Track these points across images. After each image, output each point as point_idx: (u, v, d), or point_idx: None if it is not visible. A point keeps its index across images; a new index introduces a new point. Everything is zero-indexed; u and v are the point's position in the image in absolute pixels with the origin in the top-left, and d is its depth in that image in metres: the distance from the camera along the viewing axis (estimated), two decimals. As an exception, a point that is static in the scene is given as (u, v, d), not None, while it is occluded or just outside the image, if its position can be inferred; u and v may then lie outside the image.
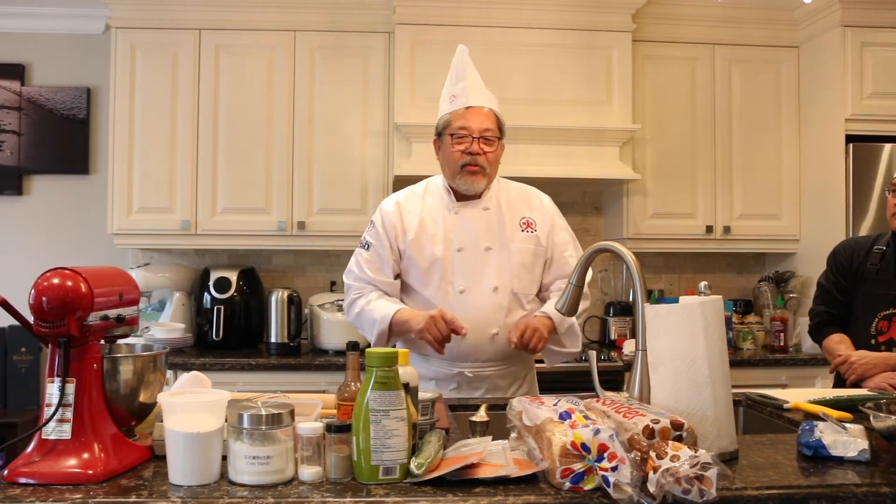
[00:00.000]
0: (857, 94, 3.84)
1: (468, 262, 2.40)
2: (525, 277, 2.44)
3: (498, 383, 2.46)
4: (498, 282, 2.40)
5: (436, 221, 2.45)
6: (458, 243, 2.41)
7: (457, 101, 2.44)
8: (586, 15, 3.95)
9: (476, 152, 2.38)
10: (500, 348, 2.41)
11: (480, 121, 2.40)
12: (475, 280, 2.40)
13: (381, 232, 2.46)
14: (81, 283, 1.46)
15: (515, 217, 2.47)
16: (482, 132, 2.39)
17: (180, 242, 3.95)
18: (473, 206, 2.45)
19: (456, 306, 2.36)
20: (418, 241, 2.42)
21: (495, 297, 2.40)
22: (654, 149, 4.09)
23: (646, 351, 1.73)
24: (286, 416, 1.42)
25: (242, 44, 3.94)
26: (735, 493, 1.37)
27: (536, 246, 2.47)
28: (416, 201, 2.49)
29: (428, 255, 2.41)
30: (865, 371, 2.47)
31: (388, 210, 2.48)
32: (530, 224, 2.48)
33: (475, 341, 2.37)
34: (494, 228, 2.44)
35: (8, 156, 4.18)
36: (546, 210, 2.54)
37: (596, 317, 4.36)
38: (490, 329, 2.39)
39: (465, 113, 2.41)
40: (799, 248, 4.18)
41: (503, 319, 2.40)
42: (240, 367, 3.57)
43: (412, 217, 2.45)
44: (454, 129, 2.41)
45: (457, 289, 2.38)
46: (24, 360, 2.90)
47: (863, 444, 1.56)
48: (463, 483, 1.38)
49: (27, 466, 1.41)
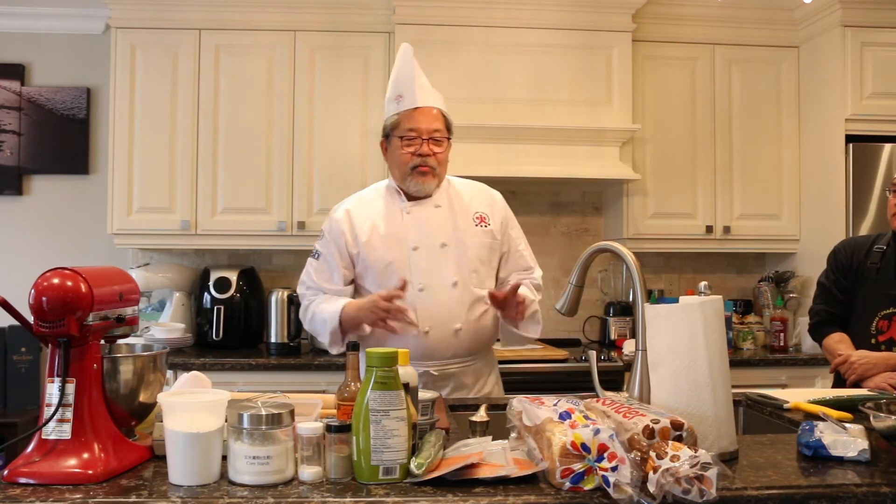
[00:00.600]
0: (857, 94, 3.83)
1: (425, 260, 2.40)
2: (482, 271, 2.46)
3: (463, 381, 2.46)
4: (457, 277, 2.41)
5: (388, 223, 2.45)
6: (413, 242, 2.42)
7: (404, 102, 2.43)
8: (586, 15, 3.95)
9: (426, 154, 2.39)
10: (464, 344, 2.42)
11: (429, 122, 2.40)
12: (434, 277, 2.40)
13: (330, 240, 2.48)
14: (81, 283, 1.46)
15: (468, 213, 2.48)
16: (431, 133, 2.40)
17: (180, 242, 3.95)
18: (425, 204, 2.46)
19: (417, 304, 2.36)
20: (372, 244, 2.42)
21: (455, 292, 2.40)
22: (654, 149, 4.09)
23: (646, 351, 1.73)
24: (286, 416, 1.42)
25: (242, 44, 3.94)
26: (735, 493, 1.37)
27: (492, 240, 2.48)
28: (366, 206, 2.49)
29: (383, 257, 2.41)
30: (865, 371, 2.47)
31: (336, 218, 2.49)
32: (483, 219, 2.49)
33: (439, 338, 2.38)
34: (448, 225, 2.45)
35: (8, 156, 4.18)
36: (498, 205, 2.55)
37: (596, 317, 4.36)
38: (453, 324, 2.39)
39: (413, 114, 2.41)
40: (799, 248, 4.18)
41: (465, 314, 2.40)
42: (240, 367, 3.57)
43: (363, 221, 2.45)
44: (403, 130, 2.41)
45: (416, 287, 2.37)
46: (24, 360, 2.90)
47: (863, 444, 1.56)
48: (463, 483, 1.38)
49: (27, 466, 1.41)
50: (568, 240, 4.41)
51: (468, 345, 2.43)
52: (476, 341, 2.46)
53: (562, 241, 4.41)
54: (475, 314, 2.43)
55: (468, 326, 2.41)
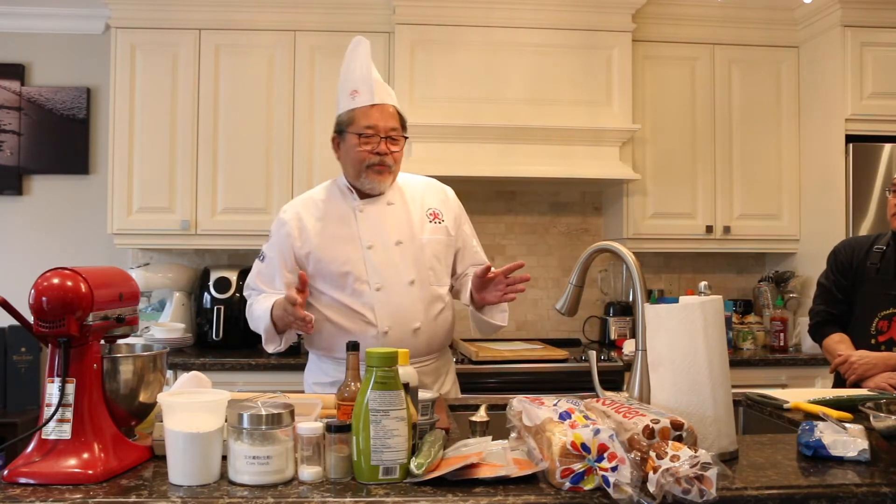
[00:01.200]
0: (857, 94, 3.83)
1: (380, 259, 2.34)
2: (438, 269, 2.41)
3: (423, 381, 2.39)
4: (414, 275, 2.35)
5: (341, 223, 2.39)
6: (367, 241, 2.36)
7: (360, 98, 2.33)
8: (586, 15, 3.96)
9: (384, 152, 2.32)
10: (423, 342, 2.37)
11: (387, 119, 2.33)
12: (390, 276, 2.34)
13: (275, 243, 2.43)
14: (81, 283, 1.46)
15: (421, 210, 2.43)
16: (388, 131, 2.33)
17: (180, 242, 3.95)
18: (377, 202, 2.40)
19: (375, 304, 2.32)
20: (324, 245, 2.37)
21: (413, 290, 2.35)
22: (653, 149, 4.09)
23: (646, 351, 1.73)
24: (286, 416, 1.42)
25: (242, 44, 3.94)
26: (735, 493, 1.37)
27: (447, 237, 2.44)
28: (316, 206, 2.43)
29: (338, 257, 2.35)
30: (865, 371, 2.47)
31: (284, 220, 2.43)
32: (437, 215, 2.44)
33: (399, 337, 2.31)
34: (402, 222, 2.40)
35: (8, 156, 4.18)
36: (451, 201, 2.51)
37: (596, 317, 4.36)
38: (412, 323, 2.34)
39: (370, 111, 2.32)
40: (799, 248, 4.18)
41: (423, 313, 2.36)
42: (240, 367, 3.57)
43: (313, 222, 2.40)
44: (360, 127, 2.32)
45: (373, 287, 2.33)
46: (24, 360, 2.90)
47: (863, 444, 1.56)
48: (463, 483, 1.38)
49: (27, 466, 1.41)
50: (568, 240, 4.41)
51: (427, 344, 2.39)
52: (434, 340, 2.42)
53: (562, 241, 4.41)
54: (433, 312, 2.39)
55: (427, 325, 2.37)
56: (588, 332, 4.36)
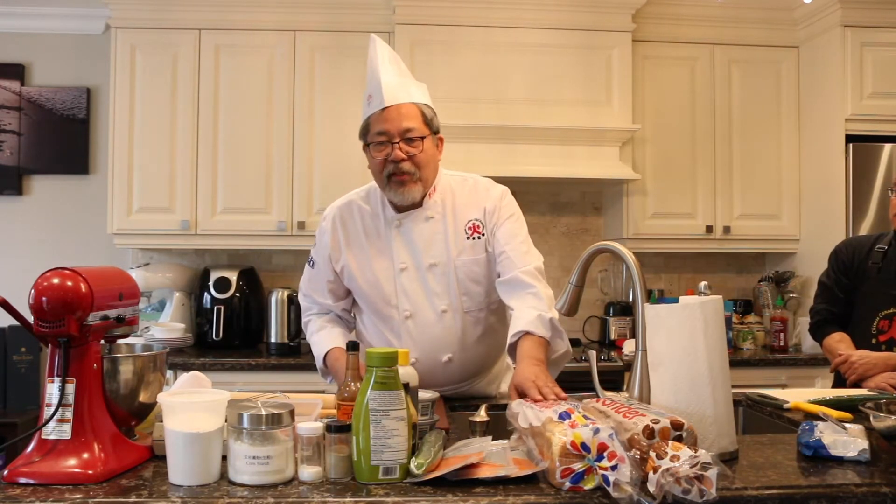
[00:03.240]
0: (857, 94, 3.84)
1: (412, 284, 2.16)
2: (475, 291, 2.19)
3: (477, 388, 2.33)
4: (446, 303, 2.16)
5: (377, 236, 2.20)
6: (401, 262, 2.17)
7: (373, 103, 2.12)
8: (586, 15, 3.96)
9: (399, 159, 2.08)
10: (455, 372, 2.22)
11: (399, 121, 2.08)
12: (421, 303, 2.16)
13: (319, 250, 2.29)
14: (81, 283, 1.46)
15: (461, 223, 2.19)
16: (402, 133, 2.08)
17: (180, 242, 3.95)
18: (415, 216, 2.18)
19: (403, 333, 2.17)
20: (357, 260, 2.21)
21: (445, 319, 2.16)
22: (653, 149, 4.09)
23: (646, 351, 1.73)
24: (286, 416, 1.42)
25: (242, 44, 3.94)
26: (735, 493, 1.37)
27: (486, 253, 2.18)
28: (354, 214, 2.24)
29: (368, 277, 2.20)
30: (866, 371, 2.47)
31: (325, 227, 2.27)
32: (477, 228, 2.19)
33: (428, 368, 2.15)
34: (439, 241, 2.17)
35: (8, 156, 4.17)
36: (492, 202, 2.22)
37: (596, 317, 4.36)
38: (442, 355, 2.18)
39: (381, 115, 2.09)
40: (799, 248, 4.18)
41: (456, 344, 2.18)
42: (240, 367, 3.57)
43: (350, 232, 2.23)
44: (372, 135, 2.12)
45: (401, 313, 2.17)
46: (23, 360, 2.90)
47: (863, 444, 1.55)
48: (463, 483, 1.38)
49: (27, 466, 1.41)
50: (568, 240, 4.41)
51: (461, 373, 2.24)
52: (470, 367, 2.25)
53: (562, 241, 4.41)
54: (469, 341, 2.20)
55: (460, 355, 2.20)
56: (588, 332, 4.36)
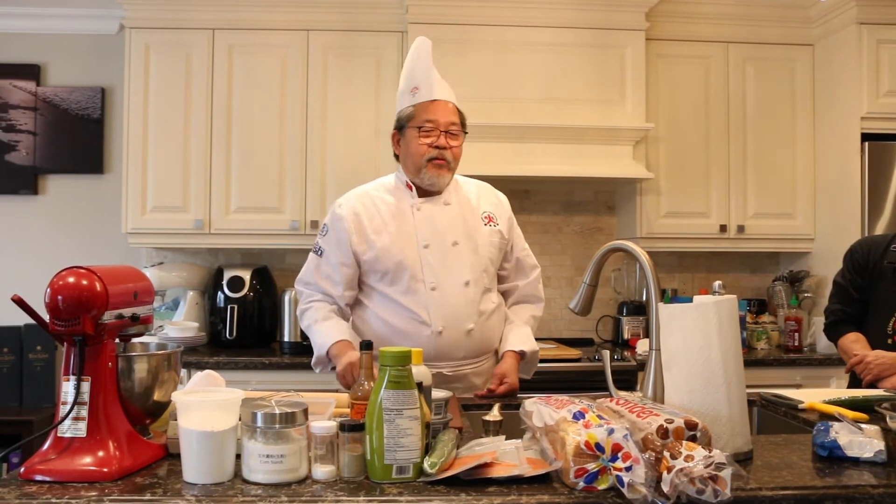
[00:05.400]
0: (872, 92, 3.81)
1: (436, 259, 2.37)
2: (491, 270, 2.46)
3: (473, 381, 2.45)
4: (469, 276, 2.38)
5: (398, 219, 2.40)
6: (424, 240, 2.38)
7: (420, 94, 2.39)
8: (599, 13, 3.94)
9: (444, 146, 2.35)
10: (475, 344, 2.40)
11: (447, 114, 2.37)
12: (446, 276, 2.36)
13: (332, 237, 2.42)
14: (96, 282, 1.47)
15: (476, 211, 2.47)
16: (448, 126, 2.37)
17: (194, 241, 3.96)
18: (435, 201, 2.43)
19: (430, 304, 2.34)
20: (381, 241, 2.37)
21: (467, 291, 2.37)
22: (667, 148, 4.07)
23: (659, 350, 1.72)
24: (300, 414, 1.42)
25: (255, 43, 3.95)
26: (749, 493, 1.36)
27: (500, 240, 2.47)
28: (372, 201, 2.44)
29: (394, 255, 2.36)
30: (881, 371, 2.45)
31: (341, 214, 2.42)
32: (492, 218, 2.48)
33: (452, 338, 2.35)
34: (458, 223, 2.42)
35: (23, 155, 4.20)
36: (504, 205, 2.56)
37: (609, 316, 4.35)
38: (466, 325, 2.37)
39: (430, 106, 2.37)
40: (813, 248, 4.16)
41: (476, 314, 2.39)
42: (253, 365, 3.58)
43: (370, 217, 2.41)
44: (420, 121, 2.36)
45: (428, 286, 2.35)
46: (39, 358, 2.92)
47: (879, 444, 1.55)
48: (476, 482, 1.38)
49: (43, 464, 1.42)
50: (581, 239, 4.40)
51: (479, 345, 2.42)
52: (486, 341, 2.44)
53: (575, 240, 4.40)
54: (486, 314, 2.42)
55: (479, 326, 2.39)
56: (601, 332, 4.35)
